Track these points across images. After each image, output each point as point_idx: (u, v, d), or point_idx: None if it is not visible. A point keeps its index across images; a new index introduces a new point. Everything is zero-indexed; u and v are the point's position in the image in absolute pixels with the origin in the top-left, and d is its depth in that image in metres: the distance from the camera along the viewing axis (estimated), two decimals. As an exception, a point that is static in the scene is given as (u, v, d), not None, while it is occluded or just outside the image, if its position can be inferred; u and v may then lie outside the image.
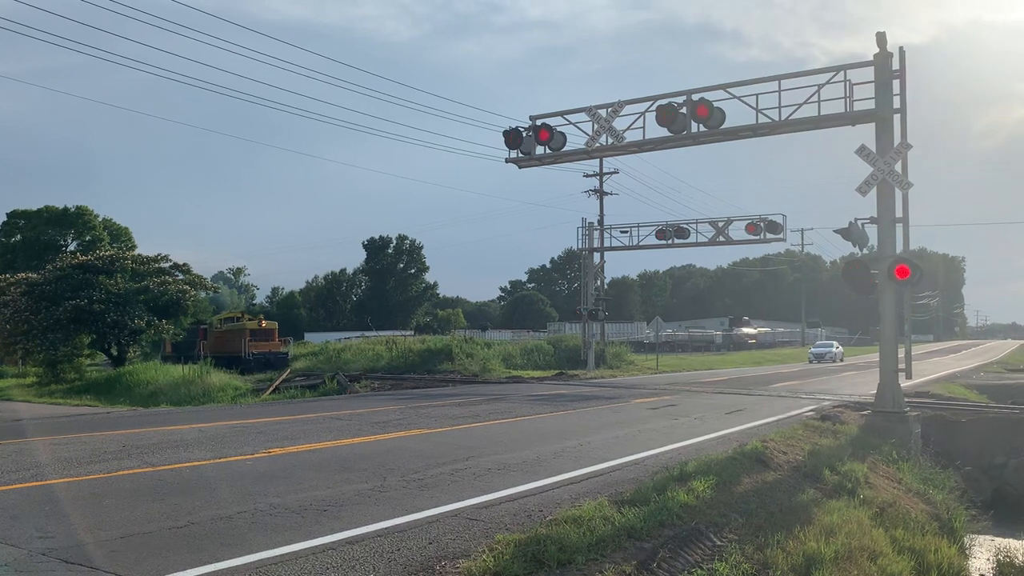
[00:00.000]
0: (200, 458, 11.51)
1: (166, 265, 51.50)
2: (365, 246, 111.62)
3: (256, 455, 11.74)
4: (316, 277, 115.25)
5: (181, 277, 50.90)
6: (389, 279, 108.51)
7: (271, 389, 30.76)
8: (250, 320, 49.32)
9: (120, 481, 9.67)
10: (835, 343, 62.95)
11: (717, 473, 10.23)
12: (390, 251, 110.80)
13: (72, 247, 68.40)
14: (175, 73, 76.75)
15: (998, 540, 13.70)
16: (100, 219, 73.84)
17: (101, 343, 49.36)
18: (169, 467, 10.69)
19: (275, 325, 49.61)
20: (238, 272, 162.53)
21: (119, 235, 74.24)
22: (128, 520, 7.57)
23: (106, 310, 43.72)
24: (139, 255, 52.75)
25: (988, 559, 12.81)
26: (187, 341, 48.96)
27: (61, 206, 72.49)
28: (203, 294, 58.75)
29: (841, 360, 55.81)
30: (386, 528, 7.33)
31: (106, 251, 55.46)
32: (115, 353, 49.08)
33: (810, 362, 54.41)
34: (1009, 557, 12.46)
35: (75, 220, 70.98)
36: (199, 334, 49.04)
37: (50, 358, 44.78)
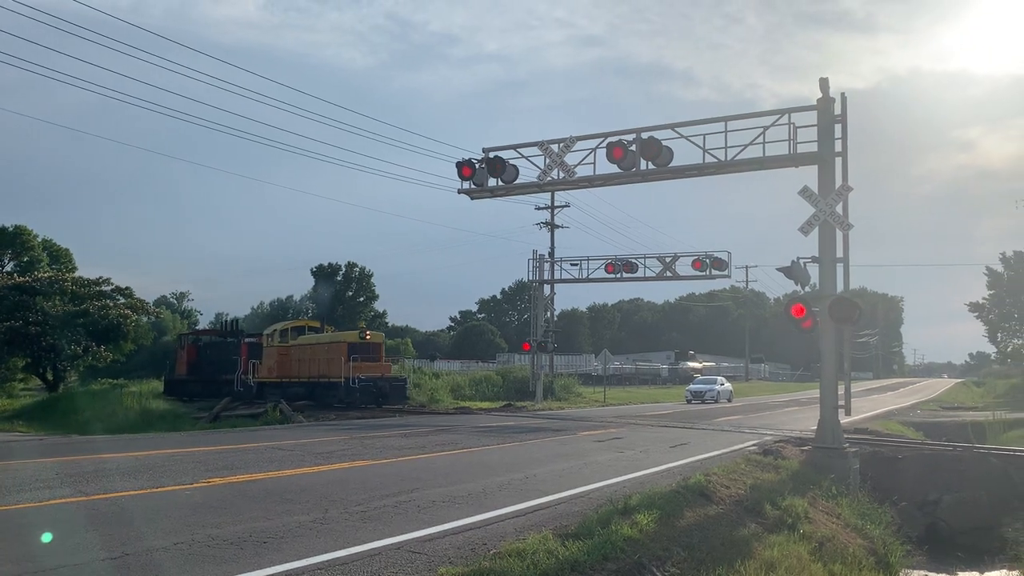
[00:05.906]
0: (137, 487, 11.20)
1: (107, 288, 50.35)
2: (314, 273, 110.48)
3: (195, 485, 11.47)
4: (262, 303, 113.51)
5: (123, 301, 49.81)
6: (337, 307, 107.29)
7: (211, 418, 30.16)
8: (340, 332, 35.48)
9: (51, 511, 9.35)
10: (721, 379, 48.92)
11: (660, 507, 10.31)
12: (339, 278, 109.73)
13: (8, 268, 66.35)
14: (121, 93, 75.47)
15: (931, 575, 14.02)
16: (39, 240, 71.85)
17: (36, 367, 47.92)
18: (104, 496, 10.37)
19: (382, 337, 34.84)
20: (181, 297, 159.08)
21: (59, 256, 72.30)
22: (58, 551, 7.32)
23: (42, 333, 42.53)
24: (79, 278, 51.48)
25: (922, 593, 13.11)
26: (213, 360, 36.59)
27: (-2, 225, 70.40)
28: (145, 319, 57.45)
29: (728, 401, 44.35)
30: (328, 560, 7.22)
31: (44, 273, 54.04)
32: (50, 378, 47.67)
33: (687, 401, 43.60)
34: (942, 591, 12.76)
35: (12, 240, 68.87)
36: (241, 350, 35.08)
37: (-20, 382, 43.18)
